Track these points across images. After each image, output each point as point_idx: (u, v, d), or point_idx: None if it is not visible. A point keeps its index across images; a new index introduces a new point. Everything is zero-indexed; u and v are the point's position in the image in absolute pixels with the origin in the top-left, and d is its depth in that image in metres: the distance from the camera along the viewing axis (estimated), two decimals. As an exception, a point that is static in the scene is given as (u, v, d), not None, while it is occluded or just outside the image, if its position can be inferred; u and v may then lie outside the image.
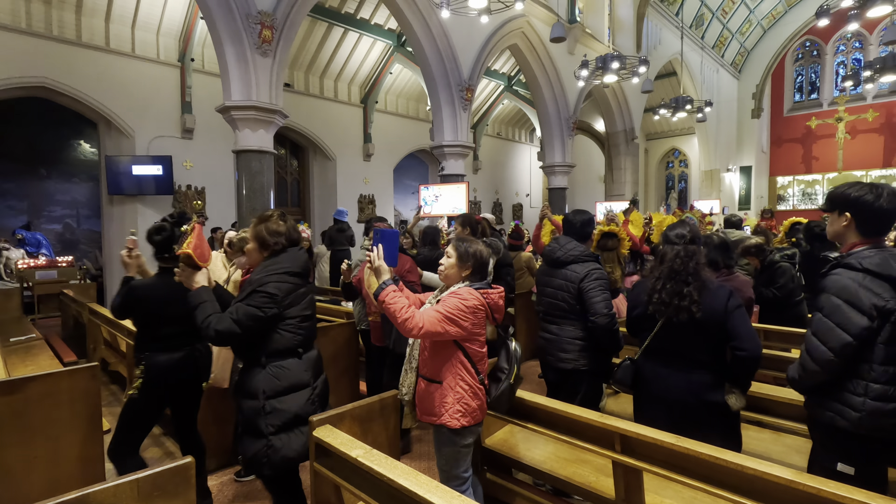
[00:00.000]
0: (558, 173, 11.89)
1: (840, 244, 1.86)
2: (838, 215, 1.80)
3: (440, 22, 8.36)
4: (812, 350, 1.70)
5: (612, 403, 3.22)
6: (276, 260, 2.08)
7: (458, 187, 8.05)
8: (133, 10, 8.36)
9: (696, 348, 2.10)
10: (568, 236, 2.86)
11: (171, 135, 9.04)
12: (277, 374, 2.02)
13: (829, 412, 1.70)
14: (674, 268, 2.11)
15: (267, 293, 1.98)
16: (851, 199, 1.75)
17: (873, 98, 17.91)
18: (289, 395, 2.03)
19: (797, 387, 1.83)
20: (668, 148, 20.66)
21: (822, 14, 8.14)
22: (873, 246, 1.73)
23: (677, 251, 2.13)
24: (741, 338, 2.01)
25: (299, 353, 2.09)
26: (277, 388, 2.01)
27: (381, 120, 12.58)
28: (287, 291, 2.04)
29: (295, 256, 2.13)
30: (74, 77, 7.94)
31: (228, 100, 6.03)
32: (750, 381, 2.12)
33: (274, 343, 2.03)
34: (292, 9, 6.35)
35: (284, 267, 2.07)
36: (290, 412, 2.02)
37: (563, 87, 11.42)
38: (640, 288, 2.30)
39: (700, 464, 1.73)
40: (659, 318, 2.14)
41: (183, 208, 9.18)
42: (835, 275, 1.73)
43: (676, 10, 15.12)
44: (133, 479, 1.50)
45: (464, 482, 2.10)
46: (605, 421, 2.02)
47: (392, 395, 2.33)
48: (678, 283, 2.08)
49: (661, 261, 2.18)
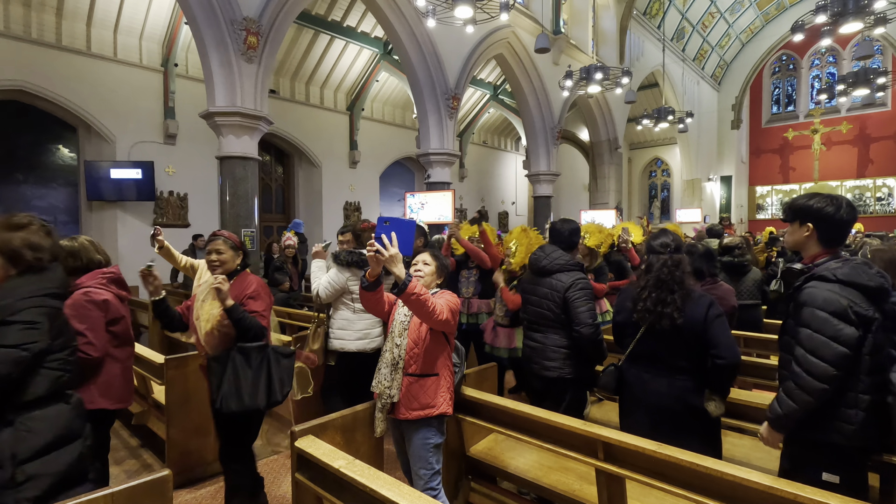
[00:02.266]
0: (543, 182, 12.01)
1: (800, 253, 1.90)
2: (800, 225, 1.83)
3: (426, 31, 8.42)
4: (812, 368, 1.65)
5: (596, 411, 3.24)
6: (33, 279, 1.61)
7: (444, 195, 8.07)
8: (116, 14, 8.26)
9: (677, 354, 2.14)
10: (554, 245, 2.89)
11: (153, 140, 8.92)
12: (33, 427, 1.51)
13: (824, 429, 1.69)
14: (660, 277, 2.14)
15: (26, 323, 1.51)
16: (814, 210, 1.78)
17: (847, 111, 18.49)
18: (52, 453, 1.53)
19: (796, 416, 1.71)
20: (650, 157, 21.02)
21: (798, 29, 8.39)
22: (834, 256, 1.78)
23: (664, 260, 2.16)
24: (720, 346, 2.04)
25: (68, 397, 1.63)
26: (35, 446, 1.50)
27: (367, 127, 12.59)
28: (52, 317, 1.60)
29: (61, 276, 1.70)
30: (54, 81, 7.80)
31: (213, 106, 5.98)
32: (729, 387, 2.16)
33: (31, 388, 1.52)
34: (278, 16, 6.34)
35: (47, 288, 1.61)
36: (56, 475, 1.52)
37: (548, 96, 11.57)
38: (626, 295, 2.34)
39: (681, 471, 1.75)
40: (642, 324, 2.17)
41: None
42: (811, 288, 1.73)
43: (658, 24, 15.46)
44: (108, 493, 1.46)
45: (439, 475, 2.21)
46: (588, 429, 2.03)
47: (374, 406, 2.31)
48: (663, 292, 2.11)
49: (647, 270, 2.21)
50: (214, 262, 2.41)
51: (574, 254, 3.01)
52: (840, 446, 1.68)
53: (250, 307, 2.36)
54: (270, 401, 2.32)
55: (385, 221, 1.91)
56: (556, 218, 3.81)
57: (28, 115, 8.27)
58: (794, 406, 1.70)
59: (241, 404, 2.25)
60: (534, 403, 2.57)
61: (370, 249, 1.87)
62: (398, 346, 2.18)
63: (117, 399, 2.26)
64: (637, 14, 14.42)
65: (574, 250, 3.00)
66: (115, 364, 2.25)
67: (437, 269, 2.29)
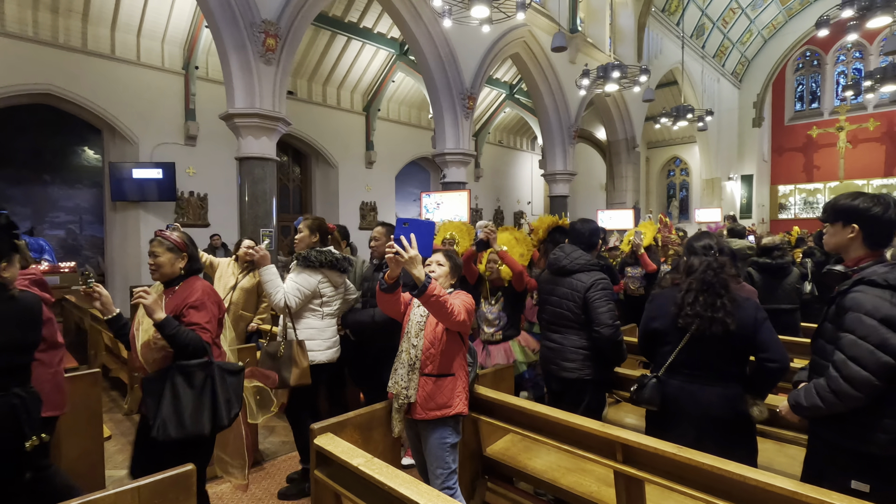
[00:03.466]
0: (560, 181, 11.92)
1: (842, 256, 1.81)
2: (843, 227, 1.73)
3: (442, 31, 8.43)
4: (851, 375, 1.57)
5: (613, 413, 3.21)
6: None
7: (459, 195, 8.07)
8: (139, 19, 8.45)
9: (726, 361, 2.06)
10: (574, 245, 2.86)
11: (174, 142, 9.10)
12: None
13: (860, 438, 1.62)
14: (706, 279, 2.05)
15: None
16: (860, 210, 1.69)
17: (874, 107, 17.95)
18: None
19: (816, 413, 1.69)
20: (669, 156, 20.71)
21: (822, 24, 8.19)
22: (879, 259, 1.69)
23: (708, 262, 2.08)
24: (771, 349, 1.98)
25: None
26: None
27: (383, 128, 12.65)
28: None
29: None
30: (80, 84, 8.01)
31: (232, 107, 6.08)
32: (771, 391, 2.10)
33: None
34: (296, 18, 6.42)
35: None
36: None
37: (564, 95, 11.48)
38: (663, 300, 2.21)
39: (703, 474, 1.72)
40: (690, 330, 2.06)
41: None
42: (858, 292, 1.64)
43: (677, 20, 15.23)
44: (134, 487, 1.50)
45: (455, 474, 2.20)
46: (607, 430, 2.01)
47: (390, 405, 2.32)
48: (711, 295, 2.03)
49: (687, 272, 2.13)
50: (151, 267, 2.17)
51: (594, 254, 2.98)
52: (875, 455, 1.61)
53: (190, 319, 2.06)
54: (216, 425, 2.04)
55: (404, 223, 1.89)
56: (573, 218, 3.69)
57: (55, 118, 8.51)
58: (821, 406, 1.65)
59: (181, 430, 1.96)
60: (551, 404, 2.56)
61: (390, 251, 1.84)
62: (415, 346, 2.18)
63: (51, 406, 2.11)
64: (655, 11, 14.22)
65: (594, 250, 2.97)
66: (44, 369, 2.13)
67: (451, 270, 2.27)
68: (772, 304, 4.00)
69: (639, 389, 2.18)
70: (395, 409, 2.20)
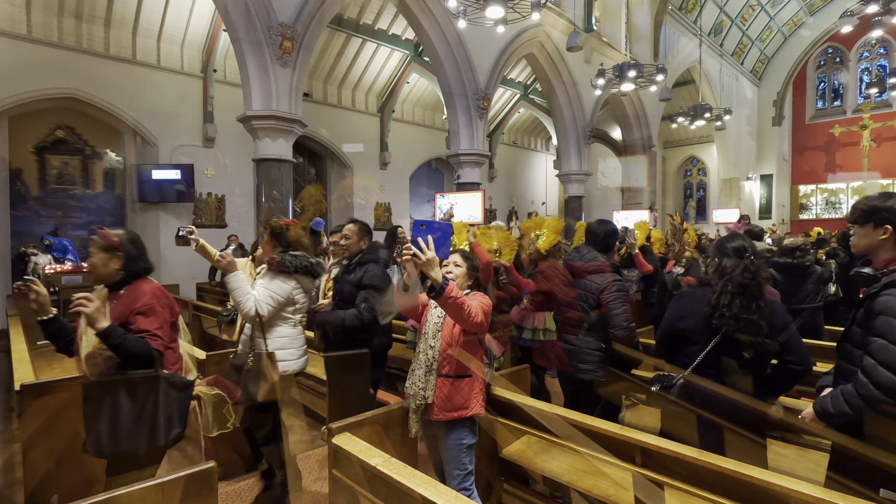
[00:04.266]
0: (574, 181, 11.85)
1: (871, 258, 1.78)
2: (874, 228, 1.70)
3: (457, 32, 8.44)
4: (882, 381, 1.53)
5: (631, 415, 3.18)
6: None
7: (473, 196, 8.07)
8: (159, 24, 8.62)
9: (761, 363, 2.07)
10: (589, 246, 2.85)
11: (193, 143, 9.26)
12: None
13: (891, 446, 1.59)
14: (742, 282, 2.03)
15: None
16: (894, 211, 1.65)
17: (899, 105, 17.51)
18: None
19: (844, 420, 1.66)
20: (686, 156, 20.43)
21: (846, 20, 8.01)
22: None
23: (745, 265, 2.06)
24: (797, 353, 1.99)
25: None
26: None
27: (397, 129, 12.71)
28: None
29: None
30: (102, 88, 8.20)
31: (249, 109, 6.16)
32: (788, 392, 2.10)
33: None
34: (312, 20, 6.48)
35: None
36: None
37: (579, 95, 11.40)
38: (692, 299, 2.19)
39: (724, 479, 1.70)
40: (723, 331, 2.04)
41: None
42: (889, 296, 1.60)
43: (694, 18, 15.02)
44: (158, 483, 1.53)
45: (472, 475, 2.20)
46: (625, 433, 1.99)
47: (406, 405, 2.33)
48: (748, 298, 2.01)
49: (720, 274, 2.11)
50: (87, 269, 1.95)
51: (610, 255, 2.95)
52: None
53: (139, 325, 1.89)
54: (151, 444, 1.89)
55: (421, 225, 1.87)
56: (588, 218, 3.67)
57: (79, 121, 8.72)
58: (849, 412, 1.62)
59: (114, 446, 1.82)
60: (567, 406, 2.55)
61: (407, 253, 1.83)
62: (432, 347, 2.19)
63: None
64: (672, 9, 14.05)
65: (610, 252, 2.95)
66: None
67: (468, 271, 2.27)
68: (793, 305, 3.97)
69: (666, 388, 2.14)
70: (413, 410, 2.20)
